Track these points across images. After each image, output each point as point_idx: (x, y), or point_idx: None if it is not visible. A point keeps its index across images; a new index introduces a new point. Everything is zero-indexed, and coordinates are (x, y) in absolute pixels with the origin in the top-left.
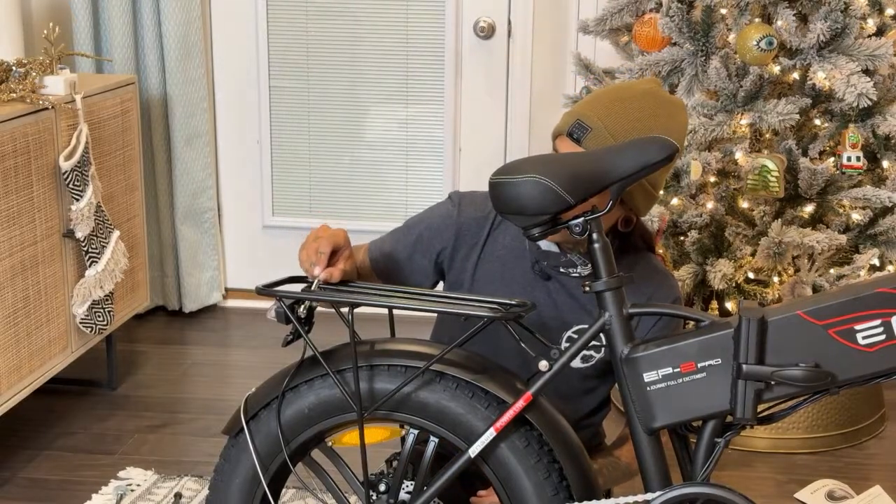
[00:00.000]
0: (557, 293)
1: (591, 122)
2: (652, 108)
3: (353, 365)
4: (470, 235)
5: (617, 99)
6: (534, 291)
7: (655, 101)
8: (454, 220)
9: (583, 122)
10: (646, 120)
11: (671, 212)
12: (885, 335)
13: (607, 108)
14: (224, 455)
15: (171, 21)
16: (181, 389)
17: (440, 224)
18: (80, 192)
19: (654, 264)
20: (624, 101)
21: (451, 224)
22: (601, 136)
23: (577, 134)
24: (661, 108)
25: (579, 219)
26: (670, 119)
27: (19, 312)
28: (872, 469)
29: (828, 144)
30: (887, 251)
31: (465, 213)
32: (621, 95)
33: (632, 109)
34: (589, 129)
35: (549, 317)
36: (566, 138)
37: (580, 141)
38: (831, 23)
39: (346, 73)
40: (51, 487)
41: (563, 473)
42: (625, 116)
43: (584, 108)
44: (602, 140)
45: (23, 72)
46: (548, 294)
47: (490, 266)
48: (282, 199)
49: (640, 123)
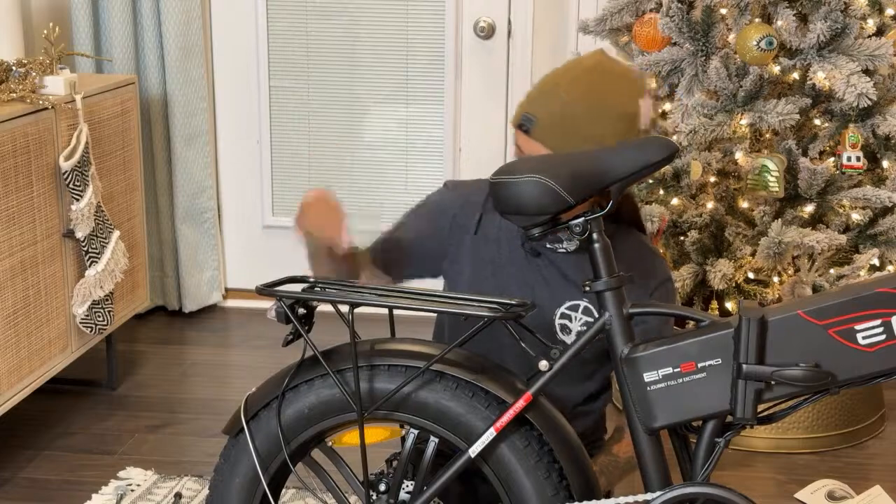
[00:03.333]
0: (548, 270)
1: (535, 112)
2: (592, 83)
3: (353, 365)
4: (467, 216)
5: (557, 84)
6: (525, 270)
7: (597, 74)
8: (453, 200)
9: (528, 113)
10: (588, 96)
11: (671, 212)
12: (885, 335)
13: (548, 96)
14: (224, 455)
15: (171, 21)
16: (181, 389)
17: (440, 204)
18: (80, 192)
19: (643, 242)
20: (563, 86)
21: (451, 204)
22: (547, 124)
23: (525, 126)
24: (603, 81)
25: (579, 219)
26: (613, 92)
27: (19, 312)
28: (872, 469)
29: (828, 144)
30: (887, 251)
31: (461, 195)
32: (560, 80)
33: (573, 90)
34: (534, 120)
35: (540, 295)
36: (519, 132)
37: (529, 132)
38: (831, 23)
39: (345, 73)
40: (51, 487)
41: (563, 473)
42: (566, 100)
43: (529, 100)
44: (550, 127)
45: (23, 72)
46: (538, 272)
47: (486, 247)
48: (282, 199)
49: (581, 103)
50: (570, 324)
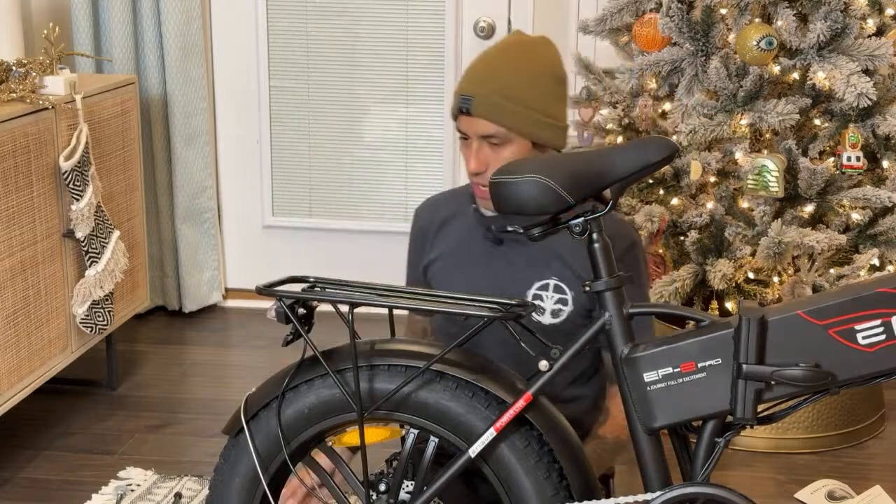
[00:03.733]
0: (513, 254)
1: (471, 92)
2: (518, 54)
3: (353, 365)
4: (427, 237)
5: (485, 63)
6: (491, 261)
7: (520, 48)
8: (423, 223)
9: (464, 95)
10: (517, 66)
11: (671, 212)
12: (885, 335)
13: (480, 74)
14: (224, 455)
15: (171, 21)
16: (181, 389)
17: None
18: (80, 192)
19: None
20: (491, 61)
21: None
22: (486, 99)
23: (465, 107)
24: (526, 52)
25: (579, 219)
26: (539, 58)
27: (19, 312)
28: (872, 469)
29: (828, 144)
30: (887, 251)
31: (420, 221)
32: (487, 59)
33: (503, 62)
34: (472, 99)
35: (509, 279)
36: (462, 116)
37: (470, 112)
38: (831, 23)
39: (345, 73)
40: (51, 487)
41: (563, 473)
42: (497, 73)
43: (462, 84)
44: (489, 103)
45: (23, 72)
46: (504, 258)
47: (449, 254)
48: (282, 199)
49: (513, 73)
50: (543, 303)
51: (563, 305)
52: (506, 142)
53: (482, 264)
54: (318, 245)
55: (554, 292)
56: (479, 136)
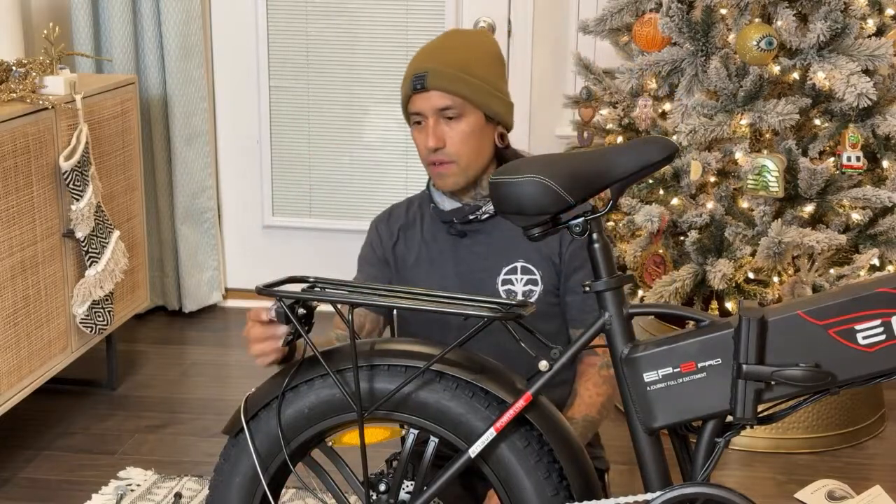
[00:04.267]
0: (478, 245)
1: (424, 68)
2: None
3: (353, 365)
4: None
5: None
6: (457, 254)
7: (461, 34)
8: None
9: (418, 72)
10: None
11: (671, 212)
12: (885, 335)
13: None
14: (224, 455)
15: (171, 21)
16: (181, 389)
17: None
18: (80, 192)
19: None
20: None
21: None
22: (440, 72)
23: (418, 84)
24: (469, 36)
25: (579, 219)
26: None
27: (19, 312)
28: (872, 469)
29: (828, 144)
30: (887, 251)
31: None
32: (433, 43)
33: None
34: (426, 74)
35: (478, 269)
36: (416, 95)
37: (425, 86)
38: (831, 23)
39: (345, 73)
40: (51, 487)
41: (563, 473)
42: (448, 49)
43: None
44: (444, 74)
45: (23, 72)
46: (469, 250)
47: (417, 250)
48: (282, 199)
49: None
50: (514, 286)
51: (533, 286)
52: (461, 114)
53: (450, 260)
54: (318, 245)
55: (522, 274)
56: (435, 109)
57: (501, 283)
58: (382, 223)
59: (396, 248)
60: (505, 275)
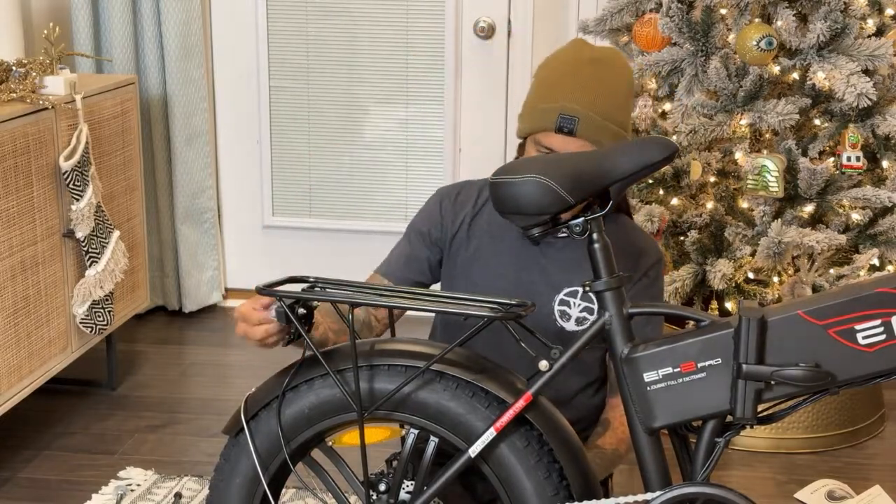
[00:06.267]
0: (546, 257)
1: (575, 111)
2: (608, 72)
3: (353, 365)
4: (456, 218)
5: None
6: (522, 258)
7: (605, 64)
8: (440, 208)
9: (566, 114)
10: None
11: (671, 212)
12: (885, 335)
13: (581, 93)
14: (224, 455)
15: (171, 21)
16: (181, 389)
17: (429, 215)
18: (80, 192)
19: (633, 224)
20: (587, 80)
21: (438, 212)
22: (591, 121)
23: (567, 127)
24: (613, 68)
25: (579, 219)
26: (624, 74)
27: (19, 312)
28: (872, 469)
29: (828, 144)
30: (887, 251)
31: (449, 199)
32: (580, 75)
33: (595, 82)
34: (577, 119)
35: (540, 282)
36: (554, 134)
37: (574, 132)
38: (831, 23)
39: (345, 73)
40: (51, 487)
41: (563, 473)
42: (597, 93)
43: (559, 102)
44: (595, 125)
45: (23, 72)
46: (536, 260)
47: (479, 241)
48: (282, 199)
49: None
50: (570, 310)
51: (588, 314)
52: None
53: (514, 261)
54: (318, 245)
55: (581, 300)
56: (570, 151)
57: (559, 302)
58: (448, 200)
59: (457, 236)
60: (564, 295)
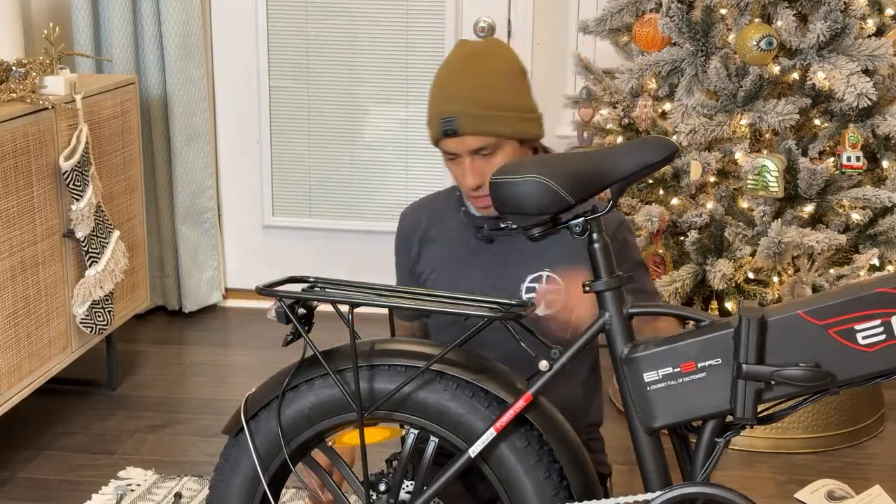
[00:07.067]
0: (504, 250)
1: (450, 112)
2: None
3: (353, 365)
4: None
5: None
6: (482, 257)
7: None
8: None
9: (444, 118)
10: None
11: (671, 212)
12: (885, 335)
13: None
14: (224, 455)
15: (171, 21)
16: (181, 389)
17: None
18: (80, 192)
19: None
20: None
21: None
22: (469, 115)
23: (449, 129)
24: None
25: (579, 219)
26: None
27: (19, 312)
28: (872, 469)
29: (828, 144)
30: (887, 251)
31: (405, 227)
32: (451, 74)
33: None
34: (455, 118)
35: (503, 276)
36: (447, 140)
37: (457, 132)
38: (831, 23)
39: (345, 73)
40: (51, 487)
41: (563, 473)
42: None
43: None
44: (473, 117)
45: (23, 72)
46: (495, 255)
47: (438, 252)
48: (282, 199)
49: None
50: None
51: (556, 295)
52: (496, 149)
53: (476, 264)
54: (318, 245)
55: (547, 283)
56: (470, 151)
57: (525, 290)
58: (400, 237)
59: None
60: (530, 282)
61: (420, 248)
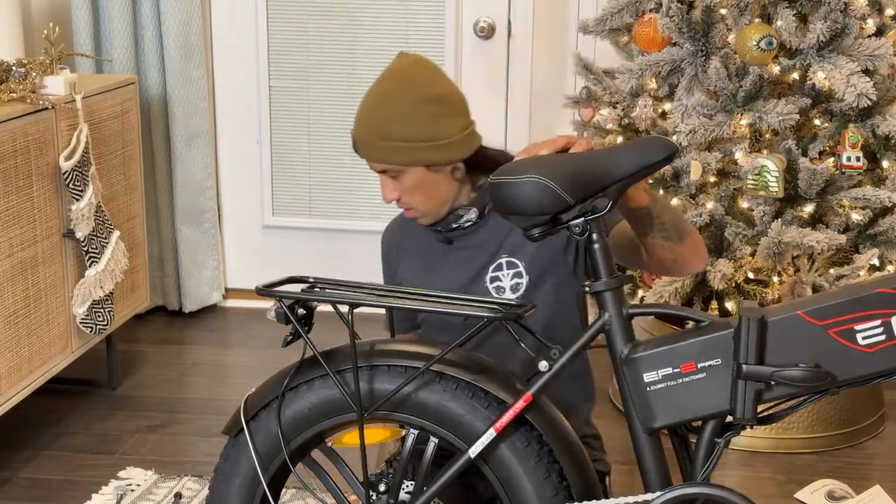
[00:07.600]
0: (465, 250)
1: (355, 136)
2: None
3: (353, 365)
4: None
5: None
6: (446, 260)
7: (393, 80)
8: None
9: (353, 138)
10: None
11: None
12: (885, 335)
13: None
14: (224, 455)
15: (171, 21)
16: (181, 389)
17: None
18: (80, 192)
19: None
20: (370, 102)
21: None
22: (366, 143)
23: (359, 153)
24: (399, 83)
25: (579, 219)
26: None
27: (19, 312)
28: (872, 469)
29: (828, 144)
30: (887, 251)
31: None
32: (368, 97)
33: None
34: (357, 143)
35: (468, 271)
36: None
37: (359, 154)
38: (831, 23)
39: (345, 73)
40: (51, 487)
41: (563, 473)
42: (374, 114)
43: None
44: (369, 145)
45: (23, 72)
46: (458, 254)
47: (413, 263)
48: (282, 199)
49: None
50: (502, 282)
51: (518, 278)
52: (399, 173)
53: (445, 266)
54: (318, 245)
55: (508, 269)
56: (377, 170)
57: (490, 280)
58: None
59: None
60: (492, 272)
61: (398, 262)
